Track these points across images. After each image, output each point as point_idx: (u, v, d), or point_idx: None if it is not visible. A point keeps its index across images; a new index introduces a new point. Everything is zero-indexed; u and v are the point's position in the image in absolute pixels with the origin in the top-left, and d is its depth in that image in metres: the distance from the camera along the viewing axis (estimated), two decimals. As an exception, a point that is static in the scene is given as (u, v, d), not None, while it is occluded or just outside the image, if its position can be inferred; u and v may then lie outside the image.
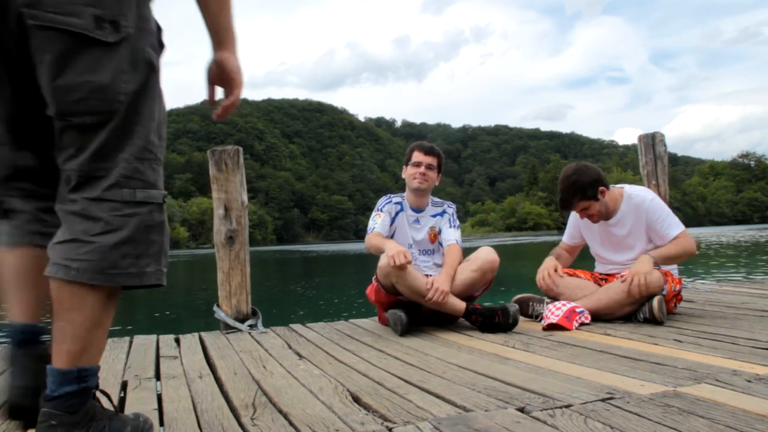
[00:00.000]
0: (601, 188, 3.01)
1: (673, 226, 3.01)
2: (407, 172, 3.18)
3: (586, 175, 3.01)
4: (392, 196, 3.24)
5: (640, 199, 3.05)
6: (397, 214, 3.17)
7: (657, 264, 2.90)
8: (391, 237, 3.13)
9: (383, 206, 3.17)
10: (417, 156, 3.16)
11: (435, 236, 3.20)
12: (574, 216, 3.30)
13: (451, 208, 3.28)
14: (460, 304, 2.90)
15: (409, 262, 2.81)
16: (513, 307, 2.86)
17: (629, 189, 3.12)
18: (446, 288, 2.86)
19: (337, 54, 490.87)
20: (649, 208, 3.02)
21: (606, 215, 3.11)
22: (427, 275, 3.04)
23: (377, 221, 3.11)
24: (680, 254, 2.96)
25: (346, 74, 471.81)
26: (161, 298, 13.96)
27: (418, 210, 3.20)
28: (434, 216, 3.22)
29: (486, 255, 3.03)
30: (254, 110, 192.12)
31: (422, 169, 3.12)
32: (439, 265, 3.20)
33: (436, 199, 3.29)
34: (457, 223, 3.25)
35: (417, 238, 3.19)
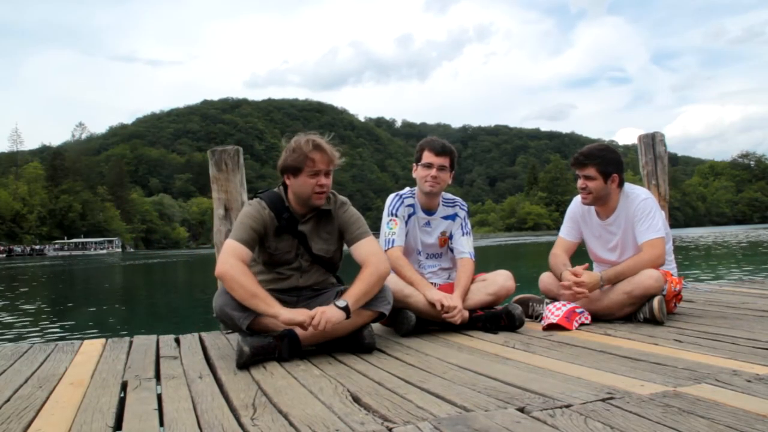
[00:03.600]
0: (615, 174, 3.02)
1: (648, 231, 2.96)
2: (418, 173, 3.03)
3: (617, 154, 3.10)
4: (403, 195, 3.08)
5: (634, 196, 3.05)
6: (409, 217, 3.07)
7: (602, 284, 2.91)
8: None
9: (397, 209, 3.03)
10: (428, 156, 2.98)
11: (445, 241, 3.13)
12: (572, 211, 3.29)
13: (463, 210, 3.17)
14: (466, 314, 2.88)
15: (454, 308, 2.78)
16: (517, 309, 2.85)
17: (628, 188, 3.11)
18: (465, 312, 2.83)
19: (340, 53, 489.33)
20: (638, 207, 3.02)
21: (603, 209, 3.11)
22: (433, 283, 3.01)
23: (395, 230, 2.99)
24: (633, 271, 2.88)
25: (349, 73, 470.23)
26: (161, 298, 13.96)
27: (429, 212, 3.10)
28: (446, 218, 3.12)
29: (504, 281, 2.97)
30: (254, 110, 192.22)
31: (434, 171, 2.96)
32: (445, 269, 3.17)
33: (447, 196, 3.16)
34: (469, 227, 3.17)
35: (426, 242, 3.11)
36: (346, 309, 2.31)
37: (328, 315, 2.27)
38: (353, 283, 2.44)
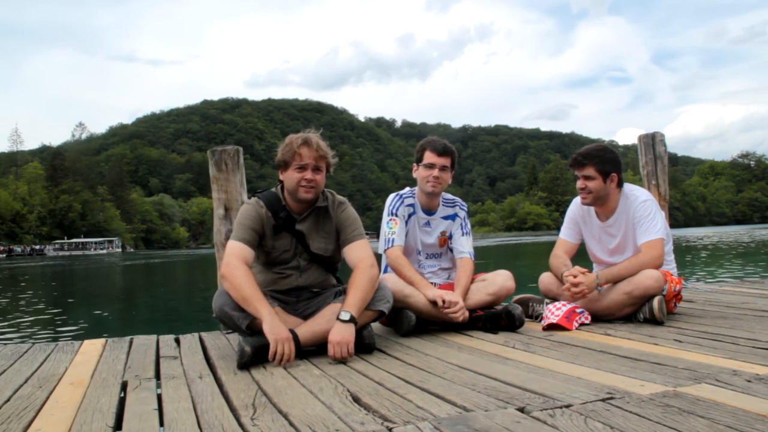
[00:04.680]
0: (614, 174, 3.02)
1: (648, 232, 2.96)
2: (419, 174, 3.02)
3: (615, 154, 3.09)
4: (404, 195, 3.09)
5: (633, 197, 3.06)
6: (409, 216, 3.07)
7: (599, 285, 2.91)
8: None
9: (397, 209, 3.03)
10: (430, 157, 2.97)
11: (445, 241, 3.13)
12: (572, 213, 3.29)
13: (463, 210, 3.17)
14: (467, 314, 2.88)
15: (456, 303, 2.79)
16: (517, 309, 2.85)
17: (628, 189, 3.11)
18: (465, 312, 2.82)
19: (341, 52, 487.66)
20: (638, 208, 3.02)
21: (603, 210, 3.11)
22: (433, 283, 3.01)
23: (395, 229, 2.99)
24: (631, 272, 2.88)
25: (350, 73, 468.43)
26: (161, 298, 13.96)
27: (429, 212, 3.10)
28: (445, 218, 3.13)
29: (504, 281, 2.97)
30: (254, 110, 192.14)
31: (436, 171, 2.96)
32: (445, 269, 3.18)
33: (447, 196, 3.17)
34: (469, 228, 3.17)
35: (426, 242, 3.11)
36: (352, 320, 2.34)
37: (347, 340, 2.30)
38: (348, 291, 2.46)
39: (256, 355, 2.26)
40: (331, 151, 2.61)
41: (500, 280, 2.98)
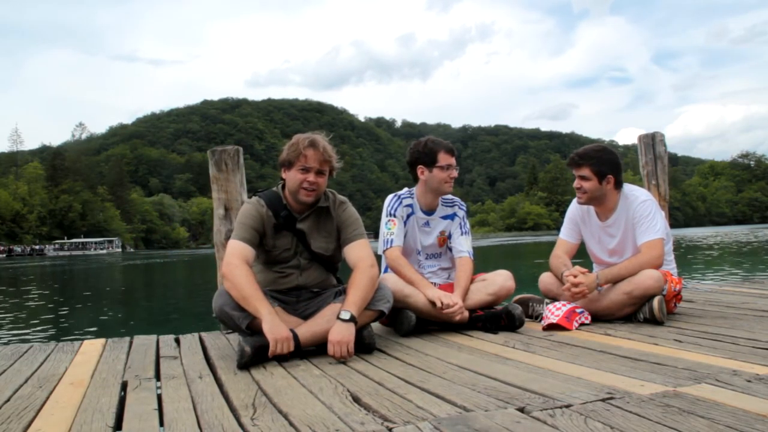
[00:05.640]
0: (610, 175, 3.01)
1: (648, 232, 2.96)
2: (435, 176, 2.97)
3: (613, 155, 3.07)
4: (402, 195, 3.09)
5: (633, 198, 3.05)
6: (408, 217, 3.07)
7: (599, 285, 2.91)
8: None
9: (395, 209, 3.03)
10: (446, 158, 2.97)
11: (444, 240, 3.13)
12: (572, 213, 3.29)
13: (462, 210, 3.17)
14: (466, 314, 2.88)
15: (455, 304, 2.79)
16: (517, 309, 2.85)
17: (628, 189, 3.10)
18: (465, 312, 2.83)
19: (342, 52, 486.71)
20: (637, 209, 3.01)
21: (602, 210, 3.11)
22: (433, 283, 3.01)
23: (393, 230, 2.98)
24: (631, 272, 2.87)
25: (351, 72, 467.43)
26: (161, 298, 13.96)
27: (428, 212, 3.10)
28: (444, 218, 3.13)
29: (504, 281, 2.97)
30: (254, 110, 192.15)
31: (454, 172, 2.99)
32: (445, 269, 3.18)
33: (447, 196, 3.15)
34: (468, 227, 3.17)
35: (425, 243, 3.11)
36: (352, 319, 2.35)
37: (347, 339, 2.30)
38: (348, 291, 2.46)
39: (256, 355, 2.26)
40: (336, 155, 2.61)
41: (500, 280, 2.99)
